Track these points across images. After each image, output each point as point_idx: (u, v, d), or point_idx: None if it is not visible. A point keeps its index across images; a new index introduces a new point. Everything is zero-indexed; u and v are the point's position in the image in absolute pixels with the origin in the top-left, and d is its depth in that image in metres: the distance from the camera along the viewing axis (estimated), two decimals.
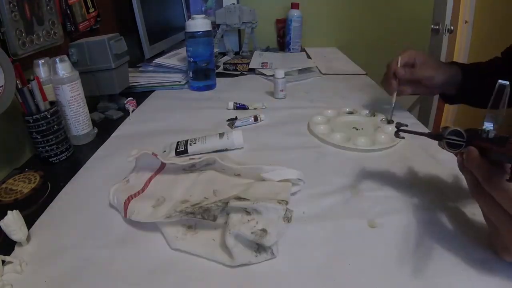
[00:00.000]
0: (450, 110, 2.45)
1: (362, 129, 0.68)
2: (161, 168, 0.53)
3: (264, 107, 0.82)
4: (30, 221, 0.44)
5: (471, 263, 0.35)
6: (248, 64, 1.16)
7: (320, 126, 0.68)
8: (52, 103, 0.59)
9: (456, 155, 0.38)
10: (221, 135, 0.61)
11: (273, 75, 0.89)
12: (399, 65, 0.66)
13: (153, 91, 0.99)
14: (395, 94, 0.67)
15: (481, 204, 0.34)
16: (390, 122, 0.68)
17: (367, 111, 0.74)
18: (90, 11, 0.91)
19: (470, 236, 0.39)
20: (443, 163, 0.54)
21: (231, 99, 0.83)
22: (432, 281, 0.33)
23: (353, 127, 0.68)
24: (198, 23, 0.89)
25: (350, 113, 0.74)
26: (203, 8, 1.49)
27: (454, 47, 1.57)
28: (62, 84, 0.62)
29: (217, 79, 1.03)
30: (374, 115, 0.72)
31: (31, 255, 0.39)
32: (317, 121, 0.71)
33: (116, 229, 0.43)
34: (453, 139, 0.36)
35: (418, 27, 1.63)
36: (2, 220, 0.38)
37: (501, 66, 0.70)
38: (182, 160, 0.51)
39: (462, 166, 0.36)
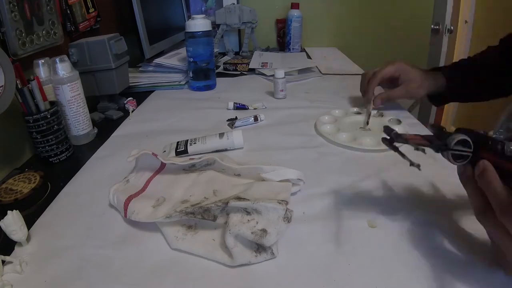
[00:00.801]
0: (450, 110, 2.45)
1: (369, 129, 0.67)
2: (161, 168, 0.53)
3: (264, 107, 0.82)
4: (30, 221, 0.44)
5: (471, 263, 0.35)
6: (248, 64, 1.16)
7: (327, 125, 0.68)
8: (52, 103, 0.59)
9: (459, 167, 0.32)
10: (221, 135, 0.61)
11: (273, 75, 0.89)
12: (379, 80, 0.71)
13: (153, 91, 0.99)
14: (369, 109, 0.69)
15: (491, 231, 0.31)
16: (398, 122, 0.68)
17: (374, 111, 0.73)
18: (90, 11, 0.91)
19: (472, 236, 0.39)
20: (444, 164, 0.54)
21: (231, 99, 0.83)
22: (432, 281, 0.33)
23: (360, 127, 0.68)
24: (198, 23, 0.89)
25: (358, 113, 0.74)
26: (203, 8, 1.49)
27: (454, 47, 1.57)
28: (62, 84, 0.62)
29: (217, 79, 1.03)
30: (382, 115, 0.72)
31: (31, 255, 0.39)
32: (324, 120, 0.70)
33: (116, 229, 0.43)
34: (458, 150, 0.31)
35: (418, 27, 1.64)
36: (2, 220, 0.38)
37: (497, 56, 0.70)
38: (182, 160, 0.51)
39: (465, 179, 0.32)
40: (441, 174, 0.51)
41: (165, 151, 0.61)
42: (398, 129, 0.65)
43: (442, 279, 0.34)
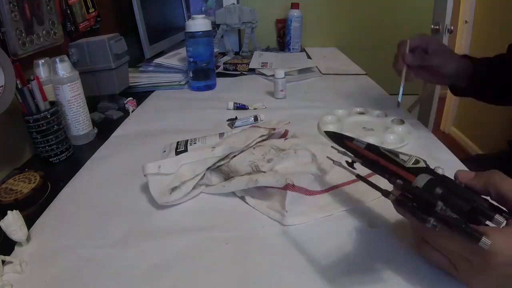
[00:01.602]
0: (450, 111, 2.45)
1: (372, 129, 0.67)
2: None
3: (264, 107, 0.82)
4: (30, 221, 0.44)
5: None
6: (248, 64, 1.16)
7: (330, 125, 0.67)
8: (52, 103, 0.59)
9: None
10: (221, 135, 0.61)
11: (273, 75, 0.89)
12: (407, 49, 0.63)
13: (153, 91, 0.99)
14: (403, 75, 0.63)
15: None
16: (401, 122, 0.67)
17: (378, 111, 0.73)
18: (90, 11, 0.91)
19: None
20: (445, 164, 0.54)
21: (231, 99, 0.83)
22: (433, 281, 0.33)
23: (363, 127, 0.68)
24: (198, 23, 0.89)
25: (361, 113, 0.74)
26: (203, 8, 1.49)
27: (454, 47, 1.57)
28: (62, 84, 0.62)
29: (217, 79, 1.03)
30: (386, 116, 0.71)
31: (31, 255, 0.39)
32: (327, 120, 0.70)
33: (116, 229, 0.43)
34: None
35: (418, 27, 1.63)
36: (2, 220, 0.38)
37: (508, 60, 0.67)
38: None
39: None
40: None
41: (165, 151, 0.60)
42: (401, 129, 0.65)
43: (442, 279, 0.34)
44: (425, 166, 0.33)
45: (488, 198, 0.32)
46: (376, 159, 0.37)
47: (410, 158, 0.35)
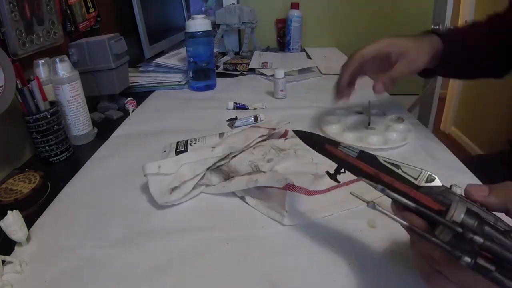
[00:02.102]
0: (450, 111, 2.45)
1: (374, 128, 0.67)
2: None
3: (264, 107, 0.82)
4: (30, 221, 0.44)
5: None
6: (248, 64, 1.16)
7: (331, 125, 0.67)
8: (52, 103, 0.59)
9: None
10: (221, 135, 0.61)
11: (273, 75, 0.89)
12: (358, 62, 0.61)
13: (153, 91, 0.99)
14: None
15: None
16: (401, 120, 0.67)
17: (376, 110, 0.73)
18: (90, 11, 0.91)
19: None
20: (445, 164, 0.55)
21: (231, 99, 0.83)
22: None
23: (365, 127, 0.68)
24: (198, 23, 0.89)
25: (360, 112, 0.74)
26: (203, 8, 1.49)
27: None
28: (62, 84, 0.62)
29: (217, 79, 1.03)
30: (384, 114, 0.72)
31: (31, 255, 0.39)
32: (328, 120, 0.70)
33: (116, 229, 0.43)
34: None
35: (418, 27, 1.63)
36: (2, 220, 0.38)
37: (485, 33, 0.64)
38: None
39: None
40: (442, 175, 0.51)
41: (165, 151, 0.60)
42: (402, 127, 0.65)
43: None
44: (441, 185, 0.28)
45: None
46: (375, 173, 0.30)
47: (422, 174, 0.28)
